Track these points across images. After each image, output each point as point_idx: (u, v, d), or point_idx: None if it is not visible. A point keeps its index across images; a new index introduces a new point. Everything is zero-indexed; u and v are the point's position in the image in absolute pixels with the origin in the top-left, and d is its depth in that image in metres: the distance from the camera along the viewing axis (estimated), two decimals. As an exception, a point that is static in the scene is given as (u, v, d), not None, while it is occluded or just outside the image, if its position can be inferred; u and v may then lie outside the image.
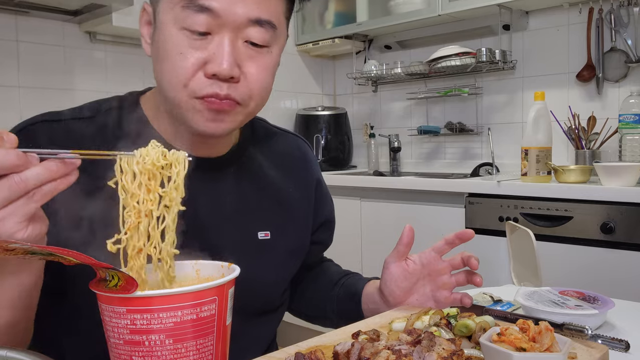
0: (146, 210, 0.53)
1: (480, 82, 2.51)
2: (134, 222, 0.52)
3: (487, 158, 2.45)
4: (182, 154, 0.56)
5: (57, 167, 0.49)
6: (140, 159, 0.53)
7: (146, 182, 0.53)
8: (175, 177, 0.55)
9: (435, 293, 0.79)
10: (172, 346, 0.48)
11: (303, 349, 0.60)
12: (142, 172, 0.53)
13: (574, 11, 2.21)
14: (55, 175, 0.49)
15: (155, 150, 0.54)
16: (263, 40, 0.68)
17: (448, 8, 2.27)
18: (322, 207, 0.92)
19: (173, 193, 0.54)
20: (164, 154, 0.54)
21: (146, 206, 0.53)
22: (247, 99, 0.69)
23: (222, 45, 0.65)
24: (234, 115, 0.69)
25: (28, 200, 0.49)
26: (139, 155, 0.53)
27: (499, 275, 1.60)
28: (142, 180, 0.53)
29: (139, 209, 0.53)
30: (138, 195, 0.53)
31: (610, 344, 0.66)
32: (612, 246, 1.64)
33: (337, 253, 1.06)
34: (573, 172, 1.82)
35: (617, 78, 2.13)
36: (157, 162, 0.54)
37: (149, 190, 0.53)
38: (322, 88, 3.08)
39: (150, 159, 0.53)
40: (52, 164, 0.49)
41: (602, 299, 0.78)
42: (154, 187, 0.53)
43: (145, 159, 0.53)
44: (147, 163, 0.53)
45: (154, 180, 0.54)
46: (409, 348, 0.55)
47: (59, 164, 0.49)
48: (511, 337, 0.55)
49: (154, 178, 0.54)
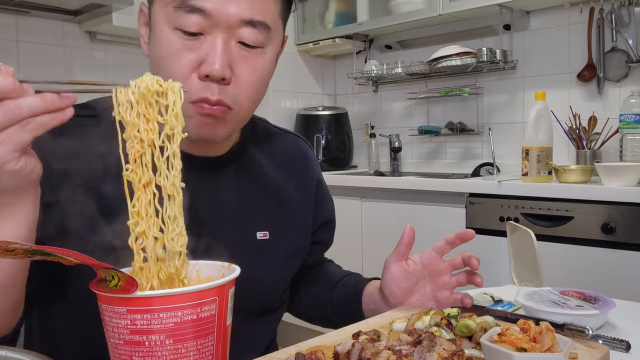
0: (148, 139, 0.52)
1: (481, 82, 2.51)
2: (137, 151, 0.52)
3: (488, 158, 2.45)
4: (177, 84, 0.55)
5: (52, 98, 0.49)
6: (135, 89, 0.53)
7: (144, 111, 0.53)
8: (173, 105, 0.54)
9: (435, 293, 0.79)
10: (173, 346, 0.48)
11: (303, 349, 0.60)
12: (138, 101, 0.53)
13: (575, 11, 2.20)
14: (50, 107, 0.49)
15: (150, 77, 0.54)
16: (256, 41, 0.68)
17: (449, 8, 2.27)
18: (323, 207, 0.92)
19: (173, 121, 0.53)
20: (158, 82, 0.54)
21: (148, 135, 0.52)
22: (237, 102, 0.68)
23: (215, 46, 0.65)
24: (227, 121, 0.69)
25: (21, 128, 0.48)
26: (134, 86, 0.53)
27: (499, 275, 1.60)
28: (140, 109, 0.52)
29: (140, 138, 0.52)
30: (137, 124, 0.52)
31: (611, 344, 0.66)
32: (613, 246, 1.64)
33: (338, 253, 1.06)
34: (574, 172, 1.82)
35: (618, 78, 2.13)
36: (151, 87, 0.53)
37: (147, 119, 0.53)
38: (322, 88, 3.08)
39: (145, 85, 0.53)
40: (48, 95, 0.49)
41: (603, 299, 0.78)
42: (153, 115, 0.53)
43: (139, 86, 0.53)
44: (142, 88, 0.53)
45: (152, 109, 0.53)
46: (409, 348, 0.55)
47: (55, 96, 0.49)
48: (512, 338, 0.55)
49: (151, 106, 0.53)
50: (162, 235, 0.53)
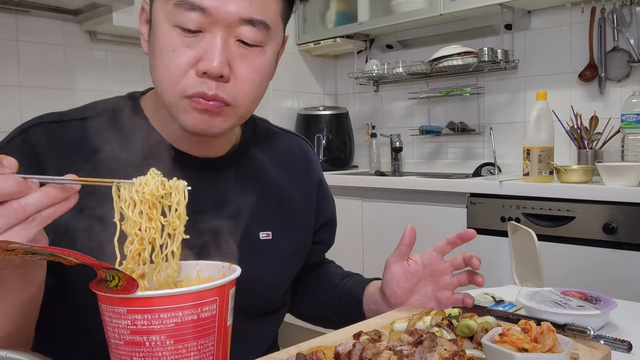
0: (150, 238, 0.53)
1: (482, 81, 2.51)
2: (136, 249, 0.53)
3: (489, 158, 2.44)
4: (181, 182, 0.56)
5: (56, 192, 0.50)
6: (139, 188, 0.53)
7: (147, 210, 0.53)
8: (176, 206, 0.55)
9: (436, 293, 0.79)
10: (173, 347, 0.48)
11: (304, 349, 0.60)
12: (142, 201, 0.53)
13: (576, 11, 2.20)
14: (54, 200, 0.50)
15: (155, 180, 0.54)
16: (255, 40, 0.67)
17: (450, 7, 2.27)
18: (324, 207, 0.92)
19: (176, 222, 0.55)
20: (163, 183, 0.54)
21: (149, 234, 0.53)
22: (236, 100, 0.68)
23: (213, 44, 0.65)
24: (223, 117, 0.69)
25: (27, 225, 0.49)
26: (138, 184, 0.53)
27: (500, 275, 1.60)
28: (143, 208, 0.53)
29: (141, 236, 0.53)
30: (139, 223, 0.53)
31: (613, 344, 0.66)
32: (615, 246, 1.63)
33: (339, 253, 1.06)
34: (575, 172, 1.82)
35: (619, 78, 2.12)
36: (155, 192, 0.53)
37: (150, 218, 0.53)
38: (323, 88, 3.07)
39: (150, 189, 0.53)
40: (52, 189, 0.49)
41: (604, 299, 0.78)
42: (156, 215, 0.54)
43: (144, 188, 0.53)
44: (146, 193, 0.53)
45: (155, 209, 0.54)
46: (410, 349, 0.55)
47: (58, 189, 0.50)
48: (513, 338, 0.55)
49: (154, 207, 0.54)
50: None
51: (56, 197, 0.49)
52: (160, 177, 0.54)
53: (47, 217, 0.50)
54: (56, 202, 0.50)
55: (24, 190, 0.48)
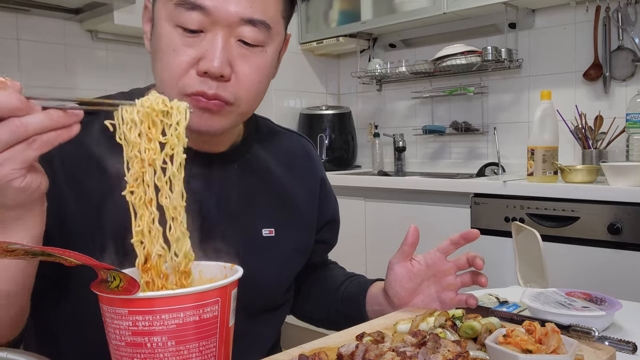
0: (149, 159, 0.52)
1: (485, 81, 2.50)
2: (137, 171, 0.52)
3: (493, 158, 2.44)
4: (183, 103, 0.55)
5: (59, 116, 0.49)
6: (140, 108, 0.52)
7: (146, 130, 0.52)
8: (176, 125, 0.54)
9: (440, 294, 0.78)
10: (175, 348, 0.48)
11: (306, 350, 0.60)
12: (142, 120, 0.52)
13: (581, 9, 2.19)
14: (56, 124, 0.49)
15: (155, 96, 0.53)
16: (256, 40, 0.68)
17: (453, 6, 2.26)
18: (327, 206, 0.92)
19: (175, 140, 0.53)
20: (164, 101, 0.54)
21: (149, 155, 0.52)
22: (237, 99, 0.68)
23: (214, 43, 0.65)
24: (224, 115, 0.69)
25: (27, 146, 0.48)
26: (139, 104, 0.53)
27: (504, 276, 1.59)
28: (143, 129, 0.52)
29: (141, 158, 0.52)
30: (139, 144, 0.52)
31: (618, 345, 0.65)
32: (619, 247, 1.62)
33: (341, 253, 1.06)
34: (580, 172, 1.81)
35: (624, 77, 2.11)
36: (156, 107, 0.52)
37: (149, 139, 0.52)
38: (326, 87, 3.07)
39: (149, 103, 0.52)
40: (54, 112, 0.49)
41: (609, 300, 0.78)
42: (155, 135, 0.53)
43: (144, 105, 0.53)
44: (146, 106, 0.52)
45: (155, 128, 0.53)
46: (413, 350, 0.54)
47: (61, 113, 0.49)
48: (517, 339, 0.54)
49: (154, 126, 0.53)
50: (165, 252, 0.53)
51: (58, 121, 0.49)
52: (161, 96, 0.54)
53: (47, 141, 0.49)
54: (58, 127, 0.49)
55: (26, 108, 0.47)
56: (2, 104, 0.46)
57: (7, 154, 0.47)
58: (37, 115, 0.48)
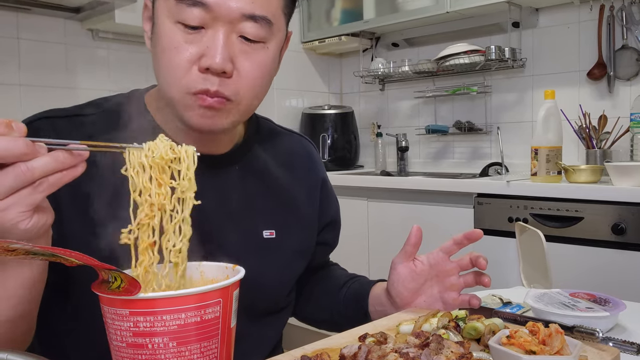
0: (159, 204, 0.52)
1: (489, 80, 2.49)
2: (147, 215, 0.52)
3: (497, 158, 2.43)
4: (190, 148, 0.55)
5: (64, 157, 0.49)
6: (149, 153, 0.53)
7: (156, 175, 0.53)
8: (186, 170, 0.54)
9: (443, 294, 0.78)
10: (176, 349, 0.48)
11: (309, 351, 0.60)
12: (151, 165, 0.53)
13: (585, 8, 2.18)
14: (62, 166, 0.49)
15: (164, 144, 0.53)
16: (258, 36, 0.67)
17: (456, 5, 2.25)
18: (328, 207, 0.91)
19: (186, 184, 0.54)
20: (172, 148, 0.54)
21: (159, 200, 0.52)
22: (238, 96, 0.68)
23: (216, 40, 0.65)
24: (226, 113, 0.69)
25: (33, 190, 0.48)
26: (147, 149, 0.53)
27: (508, 276, 1.59)
28: (152, 174, 0.52)
29: (151, 202, 0.52)
30: (149, 189, 0.52)
31: (622, 346, 0.65)
32: (624, 247, 1.62)
33: (344, 254, 1.06)
34: (584, 172, 1.80)
35: (628, 76, 2.10)
36: (165, 156, 0.53)
37: (159, 184, 0.53)
38: (328, 86, 3.07)
39: (159, 153, 0.53)
40: (60, 154, 0.49)
41: (613, 301, 0.77)
42: (165, 180, 0.53)
43: (154, 152, 0.53)
44: (156, 157, 0.52)
45: (165, 174, 0.53)
46: (416, 351, 0.54)
47: (67, 154, 0.49)
48: (521, 340, 0.54)
49: (164, 172, 0.53)
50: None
51: (64, 162, 0.49)
52: (169, 142, 0.54)
53: (54, 182, 0.49)
54: (64, 168, 0.49)
55: (32, 153, 0.47)
56: (9, 150, 0.46)
57: (13, 198, 0.48)
58: (43, 159, 0.48)
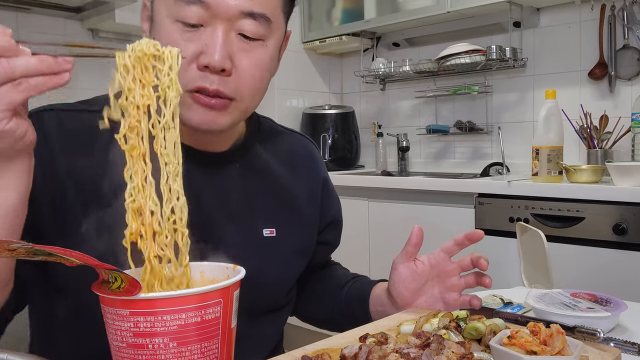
0: (144, 105, 0.51)
1: (490, 80, 2.49)
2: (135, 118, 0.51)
3: (497, 158, 2.43)
4: (174, 49, 0.54)
5: (48, 61, 0.48)
6: (131, 52, 0.52)
7: (139, 75, 0.52)
8: (168, 69, 0.53)
9: (444, 295, 0.78)
10: (176, 349, 0.48)
11: (309, 352, 0.59)
12: (134, 65, 0.52)
13: (586, 8, 2.18)
14: (45, 69, 0.48)
15: (146, 42, 0.53)
16: (256, 34, 0.67)
17: (457, 5, 2.25)
18: (329, 206, 0.91)
19: (166, 83, 0.52)
20: (155, 45, 0.53)
21: (143, 101, 0.51)
22: (238, 94, 0.68)
23: (214, 37, 0.65)
24: (227, 112, 0.68)
25: (13, 87, 0.47)
26: (130, 49, 0.53)
27: (509, 277, 1.59)
28: (136, 74, 0.52)
29: (135, 103, 0.51)
30: (133, 89, 0.52)
31: (623, 347, 0.65)
32: (625, 247, 1.62)
33: (345, 254, 1.05)
34: (585, 172, 1.80)
35: (629, 76, 2.10)
36: (147, 50, 0.52)
37: (143, 85, 0.52)
38: (329, 86, 3.06)
39: (141, 48, 0.52)
40: (44, 57, 0.48)
41: (614, 301, 0.77)
42: (149, 79, 0.52)
43: (135, 49, 0.52)
44: (138, 51, 0.52)
45: (147, 73, 0.52)
46: (417, 351, 0.54)
47: (51, 59, 0.48)
48: (522, 340, 0.54)
49: (147, 70, 0.52)
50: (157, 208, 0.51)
51: (47, 67, 0.48)
52: (153, 41, 0.54)
53: (35, 85, 0.48)
54: (47, 72, 0.48)
55: (13, 49, 0.47)
56: None
57: None
58: (26, 58, 0.47)
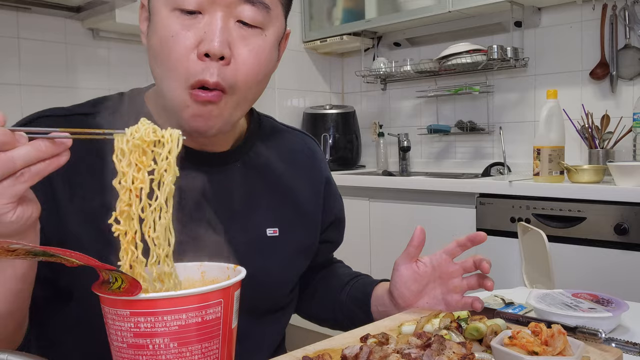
0: (136, 189, 0.50)
1: (491, 80, 2.49)
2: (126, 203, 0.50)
3: (499, 158, 2.42)
4: (175, 131, 0.53)
5: (46, 146, 0.48)
6: (130, 137, 0.51)
7: (136, 159, 0.51)
8: (167, 153, 0.52)
9: (445, 296, 0.78)
10: (177, 350, 0.48)
11: (311, 352, 0.59)
12: (131, 150, 0.51)
13: (588, 8, 2.17)
14: (44, 155, 0.48)
15: (145, 127, 0.52)
16: (255, 21, 0.67)
17: (458, 4, 2.25)
18: (332, 205, 0.91)
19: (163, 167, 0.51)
20: (155, 130, 0.52)
21: (136, 184, 0.50)
22: (235, 84, 0.67)
23: (213, 24, 0.65)
24: (221, 106, 0.68)
25: (15, 180, 0.47)
26: (129, 134, 0.51)
27: (510, 277, 1.59)
28: (132, 158, 0.51)
29: (128, 188, 0.50)
30: (127, 174, 0.51)
31: (625, 347, 0.65)
32: (626, 247, 1.61)
33: (346, 254, 1.05)
34: (586, 172, 1.80)
35: (631, 76, 2.09)
36: (146, 138, 0.51)
37: (139, 169, 0.51)
38: (330, 86, 3.06)
39: (140, 135, 0.51)
40: (42, 143, 0.48)
41: (616, 301, 0.77)
42: (146, 162, 0.51)
43: (134, 135, 0.51)
44: (136, 138, 0.51)
45: (145, 157, 0.51)
46: (418, 352, 0.54)
47: (49, 143, 0.48)
48: (523, 341, 0.54)
49: (145, 155, 0.52)
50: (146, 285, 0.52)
51: (46, 151, 0.48)
52: (152, 125, 0.52)
53: (36, 172, 0.48)
54: (47, 157, 0.48)
55: (11, 142, 0.46)
56: None
57: None
58: (24, 148, 0.47)
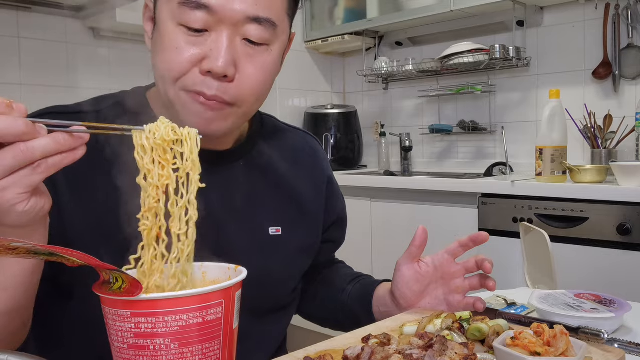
0: (163, 185, 0.52)
1: (493, 79, 2.48)
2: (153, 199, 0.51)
3: (501, 157, 2.42)
4: (193, 130, 0.54)
5: (64, 139, 0.48)
6: (149, 135, 0.52)
7: (159, 157, 0.52)
8: (189, 153, 0.53)
9: (447, 296, 0.78)
10: (178, 350, 0.48)
11: (312, 353, 0.59)
12: (153, 147, 0.52)
13: (590, 7, 2.17)
14: (62, 148, 0.48)
15: (165, 125, 0.53)
16: (262, 39, 0.67)
17: (460, 4, 2.25)
18: (334, 204, 0.91)
19: (189, 165, 0.53)
20: (174, 129, 0.53)
21: (162, 182, 0.52)
22: (239, 100, 0.68)
23: (219, 43, 0.65)
24: (224, 116, 0.68)
25: (32, 171, 0.48)
26: (148, 131, 0.52)
27: (512, 277, 1.58)
28: (155, 156, 0.52)
29: (155, 184, 0.51)
30: (152, 170, 0.52)
31: (627, 348, 0.64)
32: (629, 248, 1.61)
33: (347, 254, 1.05)
34: (589, 172, 1.79)
35: (634, 75, 2.09)
36: (167, 137, 0.52)
37: (162, 166, 0.52)
38: (331, 86, 3.06)
39: (160, 134, 0.52)
40: (60, 136, 0.48)
41: (618, 302, 0.77)
42: (170, 160, 0.52)
43: (155, 134, 0.52)
44: (157, 138, 0.52)
45: (167, 155, 0.53)
46: (420, 352, 0.54)
47: (67, 136, 0.49)
48: (525, 341, 0.54)
49: (166, 153, 0.53)
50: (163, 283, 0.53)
51: (64, 144, 0.48)
52: (170, 123, 0.53)
53: (53, 165, 0.49)
54: (64, 150, 0.49)
55: (31, 133, 0.47)
56: (8, 129, 0.46)
57: (12, 178, 0.47)
58: (43, 139, 0.48)
